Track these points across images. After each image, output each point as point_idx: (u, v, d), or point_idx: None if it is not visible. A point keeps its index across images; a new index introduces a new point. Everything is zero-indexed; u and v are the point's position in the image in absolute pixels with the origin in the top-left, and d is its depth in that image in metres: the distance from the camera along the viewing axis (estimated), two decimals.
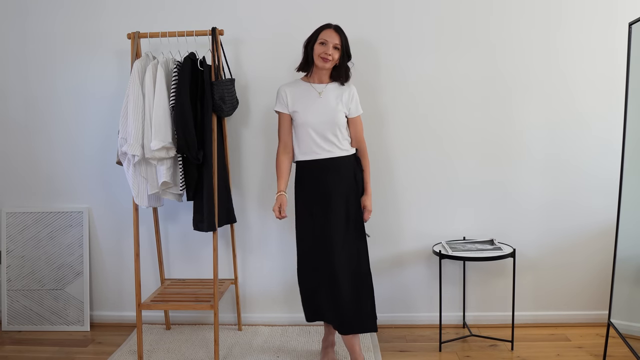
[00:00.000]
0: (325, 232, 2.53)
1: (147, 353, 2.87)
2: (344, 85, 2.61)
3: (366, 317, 2.56)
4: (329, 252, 2.51)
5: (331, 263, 2.50)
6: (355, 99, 2.61)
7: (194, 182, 2.79)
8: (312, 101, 2.55)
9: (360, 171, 2.64)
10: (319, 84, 2.59)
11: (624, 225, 2.53)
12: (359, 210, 2.60)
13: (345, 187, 2.56)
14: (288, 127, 2.61)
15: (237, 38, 3.06)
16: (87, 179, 3.22)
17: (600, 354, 2.76)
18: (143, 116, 2.66)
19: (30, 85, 3.19)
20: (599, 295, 3.13)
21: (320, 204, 2.55)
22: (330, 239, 2.51)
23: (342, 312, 2.51)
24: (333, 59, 2.52)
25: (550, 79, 3.04)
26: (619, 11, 2.97)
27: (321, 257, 2.54)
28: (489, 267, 3.15)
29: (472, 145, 3.08)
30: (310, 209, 2.57)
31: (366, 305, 2.56)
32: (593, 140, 3.06)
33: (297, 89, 2.60)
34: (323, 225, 2.53)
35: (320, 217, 2.54)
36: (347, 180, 2.57)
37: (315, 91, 2.57)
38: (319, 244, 2.54)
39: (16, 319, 3.25)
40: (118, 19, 3.09)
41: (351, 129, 2.62)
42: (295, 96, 2.58)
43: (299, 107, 2.56)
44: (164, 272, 3.19)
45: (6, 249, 3.24)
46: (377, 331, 2.62)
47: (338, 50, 2.52)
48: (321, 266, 2.54)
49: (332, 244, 2.51)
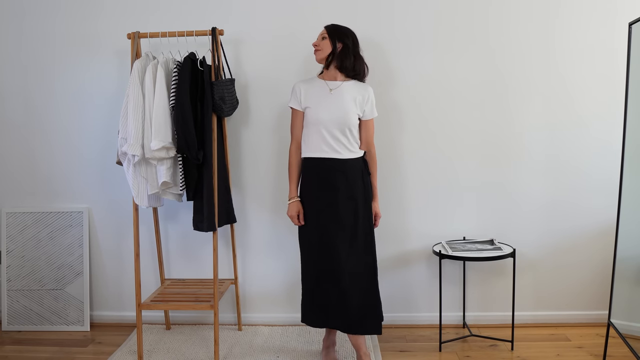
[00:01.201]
0: (332, 233, 2.51)
1: (147, 353, 2.87)
2: (362, 87, 2.60)
3: (373, 318, 2.56)
4: (335, 253, 2.50)
5: (338, 264, 2.49)
6: (370, 101, 2.61)
7: (194, 182, 2.79)
8: (323, 98, 2.56)
9: (367, 174, 2.63)
10: (332, 82, 2.59)
11: (624, 226, 2.53)
12: (367, 212, 2.59)
13: (352, 190, 2.54)
14: (301, 124, 2.62)
15: (237, 38, 3.06)
16: (87, 179, 3.22)
17: (600, 354, 2.76)
18: (143, 116, 2.66)
19: (30, 85, 3.19)
20: (599, 295, 3.13)
21: (327, 204, 2.53)
22: (337, 239, 2.50)
23: (350, 312, 2.50)
24: (322, 48, 2.55)
25: (550, 79, 3.04)
26: (618, 11, 2.97)
27: (328, 258, 2.51)
28: (489, 267, 3.15)
29: (472, 146, 3.09)
30: (316, 209, 2.56)
31: (374, 307, 2.57)
32: (593, 141, 3.06)
33: (311, 86, 2.61)
34: (329, 226, 2.52)
35: (326, 217, 2.53)
36: (354, 182, 2.55)
37: (327, 88, 2.58)
38: (326, 244, 2.52)
39: (16, 319, 3.25)
40: (118, 19, 3.09)
41: (362, 131, 2.61)
42: (308, 92, 2.59)
43: (311, 103, 2.57)
44: (164, 272, 3.19)
45: (6, 249, 3.24)
46: (381, 333, 2.61)
47: (326, 39, 2.55)
48: (328, 267, 2.52)
49: (339, 245, 2.50)
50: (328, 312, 2.55)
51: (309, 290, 2.61)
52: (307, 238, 2.59)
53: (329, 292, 2.53)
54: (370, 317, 2.56)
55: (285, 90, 3.02)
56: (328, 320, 2.57)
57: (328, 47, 2.55)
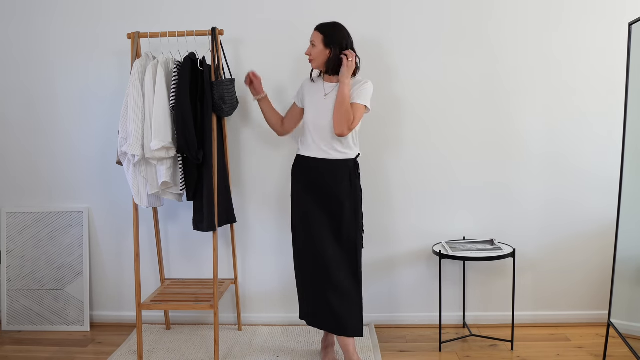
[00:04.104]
0: (317, 233, 2.56)
1: (147, 353, 2.87)
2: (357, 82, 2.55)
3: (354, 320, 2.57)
4: (320, 252, 2.55)
5: (323, 263, 2.54)
6: (361, 89, 2.51)
7: (194, 182, 2.79)
8: (318, 101, 2.59)
9: (357, 177, 2.62)
10: (329, 84, 2.60)
11: (624, 225, 2.53)
12: (353, 215, 2.59)
13: (338, 190, 2.56)
14: (292, 115, 2.76)
15: (237, 38, 3.05)
16: (87, 179, 3.22)
17: (600, 354, 2.76)
18: (143, 116, 2.66)
19: (30, 85, 3.19)
20: (599, 295, 3.13)
21: (314, 202, 2.58)
22: (322, 238, 2.55)
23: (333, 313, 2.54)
24: (314, 57, 2.55)
25: (550, 79, 3.04)
26: (618, 11, 2.97)
27: (314, 256, 2.57)
28: (489, 267, 3.15)
29: (472, 146, 3.08)
30: (305, 207, 2.61)
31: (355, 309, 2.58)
32: (593, 141, 3.06)
33: (312, 87, 2.65)
34: (314, 226, 2.57)
35: (313, 216, 2.58)
36: (341, 183, 2.56)
37: (323, 92, 2.59)
38: (312, 243, 2.58)
39: (16, 319, 3.24)
40: (118, 19, 3.09)
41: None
42: (308, 93, 2.64)
43: (307, 105, 2.63)
44: (164, 272, 3.19)
45: (6, 249, 3.24)
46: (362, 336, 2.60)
47: (315, 47, 2.53)
48: (314, 265, 2.57)
49: (324, 244, 2.55)
50: (316, 312, 2.61)
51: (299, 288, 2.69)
52: (296, 237, 2.66)
53: (315, 292, 2.59)
54: (352, 320, 2.56)
55: (285, 90, 3.02)
56: (315, 320, 2.62)
57: (321, 55, 2.53)
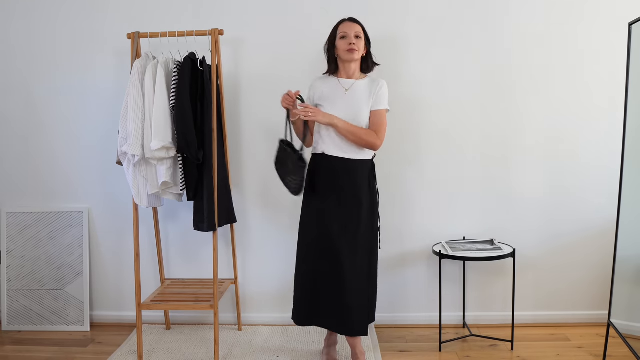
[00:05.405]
0: (333, 231, 2.50)
1: (147, 353, 2.87)
2: (373, 82, 2.57)
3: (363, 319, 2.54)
4: (333, 252, 2.48)
5: (338, 265, 2.47)
6: (380, 93, 2.55)
7: (194, 182, 2.79)
8: (339, 98, 2.54)
9: (374, 178, 2.60)
10: (347, 80, 2.58)
11: (624, 225, 2.53)
12: (371, 217, 2.57)
13: (358, 192, 2.52)
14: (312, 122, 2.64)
15: (237, 38, 3.06)
16: (87, 179, 3.22)
17: (600, 354, 2.76)
18: (143, 116, 2.66)
19: (31, 84, 3.19)
20: (599, 295, 3.13)
21: (331, 203, 2.52)
22: (337, 238, 2.49)
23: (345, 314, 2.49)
24: (359, 48, 2.52)
25: (550, 79, 3.04)
26: (618, 11, 2.97)
27: (327, 258, 2.50)
28: (489, 267, 3.15)
29: (471, 146, 3.09)
30: (320, 207, 2.54)
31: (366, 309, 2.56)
32: (593, 140, 3.06)
33: (326, 84, 2.60)
34: (330, 224, 2.50)
35: (329, 217, 2.52)
36: (360, 185, 2.53)
37: (342, 88, 2.56)
38: (325, 243, 2.50)
39: (16, 319, 3.24)
40: (118, 19, 3.09)
41: (369, 121, 2.54)
42: (323, 91, 2.59)
43: (325, 102, 2.55)
44: (164, 272, 3.19)
45: (6, 249, 3.24)
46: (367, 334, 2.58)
47: (361, 39, 2.53)
48: (325, 268, 2.50)
49: (338, 244, 2.48)
50: (320, 310, 2.54)
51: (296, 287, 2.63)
52: (305, 232, 2.59)
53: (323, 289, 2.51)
54: (361, 319, 2.53)
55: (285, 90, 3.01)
56: (320, 318, 2.56)
57: (362, 48, 2.55)
